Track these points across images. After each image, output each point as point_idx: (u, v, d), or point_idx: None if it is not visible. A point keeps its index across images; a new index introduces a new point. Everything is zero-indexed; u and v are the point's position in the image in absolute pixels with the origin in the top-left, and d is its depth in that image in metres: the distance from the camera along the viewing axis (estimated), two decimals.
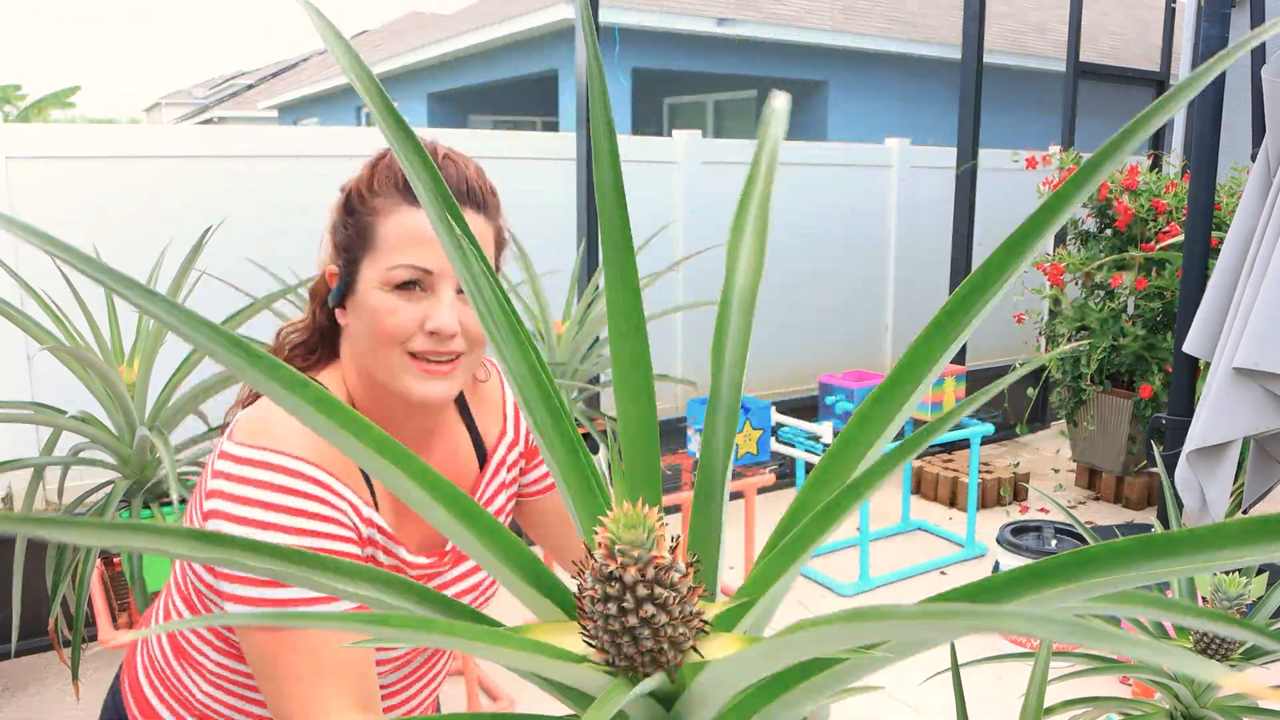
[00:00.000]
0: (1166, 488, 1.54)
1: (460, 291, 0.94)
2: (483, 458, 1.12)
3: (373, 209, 0.95)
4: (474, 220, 0.96)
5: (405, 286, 0.93)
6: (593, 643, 0.41)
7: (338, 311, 1.00)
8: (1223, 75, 2.96)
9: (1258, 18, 3.25)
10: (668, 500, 2.91)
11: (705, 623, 0.42)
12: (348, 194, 0.98)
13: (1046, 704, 1.21)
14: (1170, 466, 3.03)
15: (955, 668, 1.24)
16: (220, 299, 2.94)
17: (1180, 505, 2.92)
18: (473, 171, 0.99)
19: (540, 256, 3.01)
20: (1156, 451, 1.78)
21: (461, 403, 1.12)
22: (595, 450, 2.75)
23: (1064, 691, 1.38)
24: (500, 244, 1.04)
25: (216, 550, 0.36)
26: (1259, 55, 3.17)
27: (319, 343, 1.05)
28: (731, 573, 3.46)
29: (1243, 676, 0.28)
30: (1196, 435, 2.88)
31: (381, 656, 1.00)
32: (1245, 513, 3.51)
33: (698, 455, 2.36)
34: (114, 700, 1.14)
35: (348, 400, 1.01)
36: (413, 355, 0.94)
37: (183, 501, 2.02)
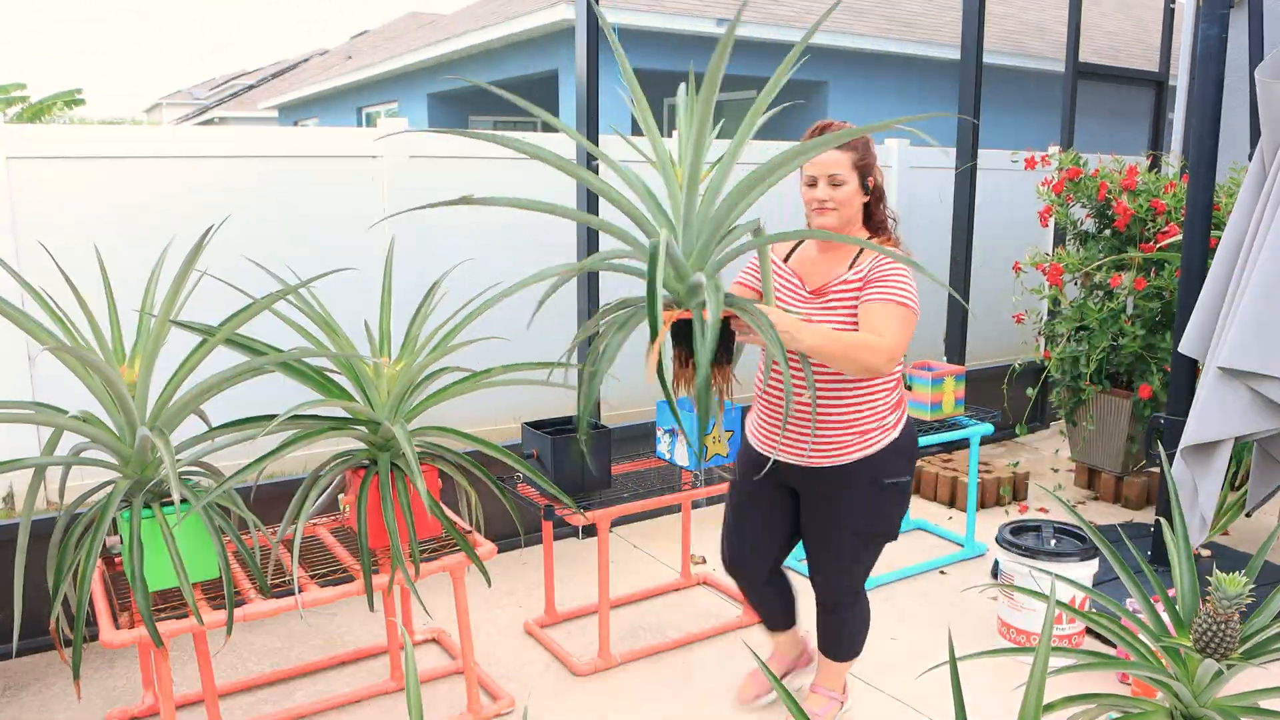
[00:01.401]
0: (1170, 485, 1.54)
1: (832, 185, 2.15)
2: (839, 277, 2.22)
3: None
4: (841, 154, 2.15)
5: (810, 184, 2.18)
6: None
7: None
8: (1222, 75, 2.96)
9: (1256, 18, 3.25)
10: (668, 500, 2.92)
11: None
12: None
13: (1046, 700, 1.21)
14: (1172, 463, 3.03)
15: (953, 662, 1.24)
16: (221, 299, 2.93)
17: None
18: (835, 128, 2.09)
19: (540, 256, 3.01)
20: (1160, 449, 1.78)
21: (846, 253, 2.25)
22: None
23: (1063, 688, 1.38)
24: (861, 162, 2.18)
25: None
26: (1256, 55, 3.17)
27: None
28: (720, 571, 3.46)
29: None
30: (1187, 434, 2.89)
31: None
32: (1249, 515, 3.51)
33: (667, 457, 2.37)
34: (859, 471, 2.23)
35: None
36: (811, 209, 2.20)
37: (184, 501, 2.02)
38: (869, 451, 2.19)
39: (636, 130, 1.96)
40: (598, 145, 3.62)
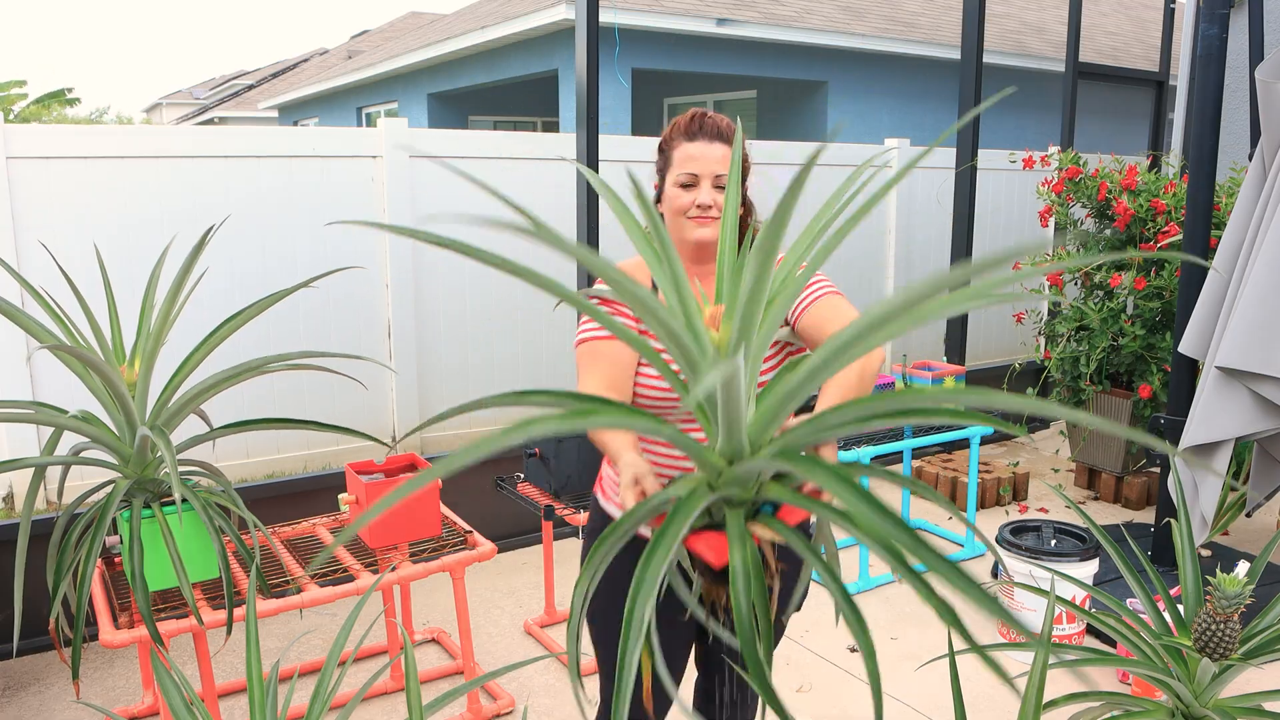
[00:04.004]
0: (1176, 483, 1.54)
1: (716, 186, 1.65)
2: None
3: (671, 146, 1.68)
4: (721, 146, 1.67)
5: (685, 185, 1.65)
6: None
7: (656, 206, 1.71)
8: (1222, 76, 2.97)
9: (1256, 18, 3.25)
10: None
11: None
12: (660, 143, 1.72)
13: (1047, 698, 1.21)
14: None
15: (952, 658, 1.24)
16: (221, 299, 2.93)
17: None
18: (724, 123, 1.69)
19: (540, 255, 3.00)
20: (1169, 450, 1.78)
21: None
22: None
23: (1063, 687, 1.38)
24: (743, 164, 1.66)
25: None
26: (1256, 55, 3.17)
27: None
28: None
29: None
30: (1188, 435, 2.89)
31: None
32: (1249, 515, 3.51)
33: None
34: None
35: None
36: (690, 218, 1.65)
37: (185, 501, 2.02)
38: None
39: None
40: (597, 145, 3.63)
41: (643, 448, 1.59)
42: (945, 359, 4.85)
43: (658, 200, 1.73)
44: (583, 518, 2.70)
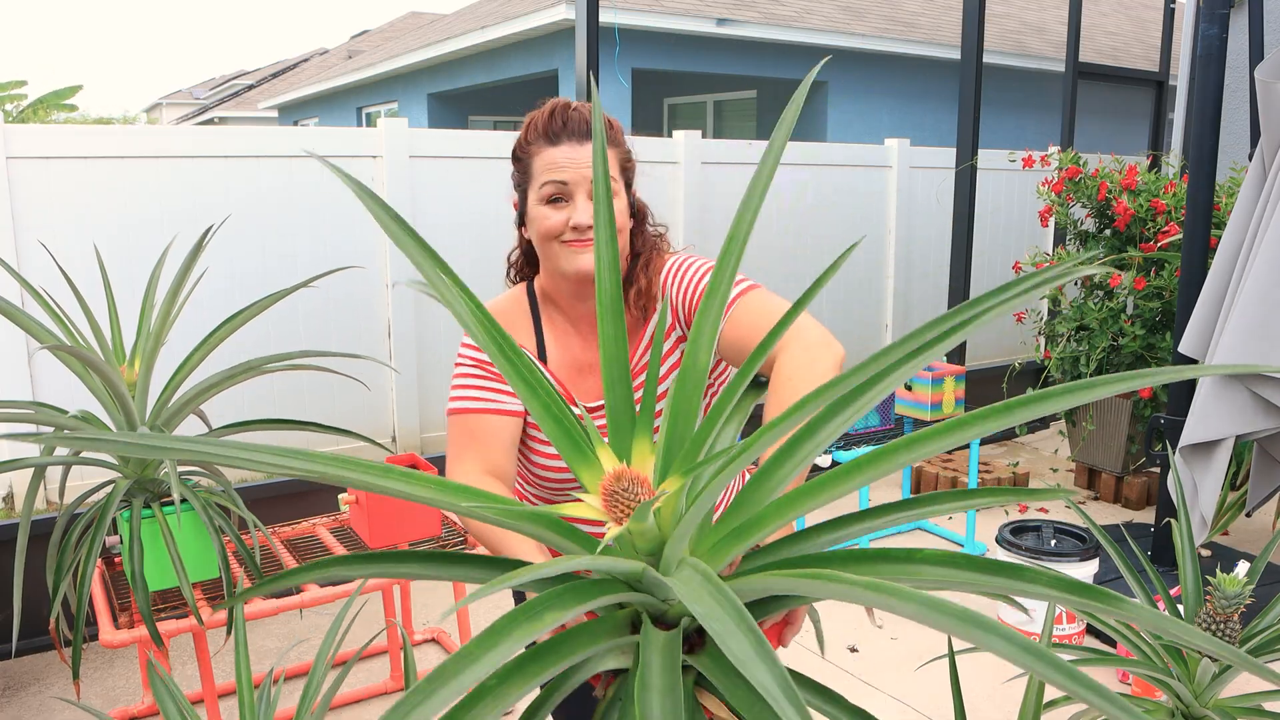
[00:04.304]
0: (1176, 483, 1.54)
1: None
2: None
3: (528, 152, 1.33)
4: (608, 149, 1.29)
5: (553, 200, 1.30)
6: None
7: (521, 230, 1.39)
8: (1222, 76, 2.97)
9: (1256, 18, 3.25)
10: None
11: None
12: (514, 149, 1.36)
13: (1046, 698, 1.21)
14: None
15: (952, 657, 1.24)
16: (221, 299, 2.93)
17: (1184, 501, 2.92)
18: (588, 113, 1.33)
19: None
20: (1168, 448, 1.78)
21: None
22: None
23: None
24: (628, 163, 1.41)
25: None
26: (1256, 55, 3.17)
27: (531, 258, 1.43)
28: None
29: None
30: (1187, 433, 2.89)
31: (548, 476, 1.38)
32: (1249, 515, 3.51)
33: None
34: None
35: (542, 293, 1.42)
36: (565, 243, 1.30)
37: (184, 501, 2.02)
38: None
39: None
40: None
41: (531, 493, 1.42)
42: (944, 359, 4.85)
43: (521, 223, 1.38)
44: None
